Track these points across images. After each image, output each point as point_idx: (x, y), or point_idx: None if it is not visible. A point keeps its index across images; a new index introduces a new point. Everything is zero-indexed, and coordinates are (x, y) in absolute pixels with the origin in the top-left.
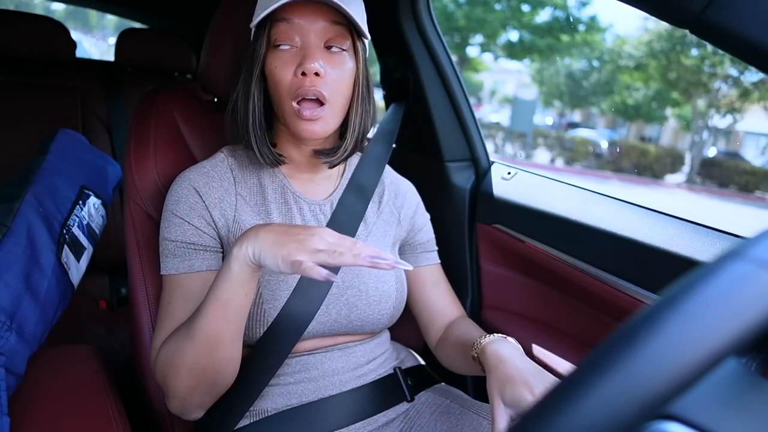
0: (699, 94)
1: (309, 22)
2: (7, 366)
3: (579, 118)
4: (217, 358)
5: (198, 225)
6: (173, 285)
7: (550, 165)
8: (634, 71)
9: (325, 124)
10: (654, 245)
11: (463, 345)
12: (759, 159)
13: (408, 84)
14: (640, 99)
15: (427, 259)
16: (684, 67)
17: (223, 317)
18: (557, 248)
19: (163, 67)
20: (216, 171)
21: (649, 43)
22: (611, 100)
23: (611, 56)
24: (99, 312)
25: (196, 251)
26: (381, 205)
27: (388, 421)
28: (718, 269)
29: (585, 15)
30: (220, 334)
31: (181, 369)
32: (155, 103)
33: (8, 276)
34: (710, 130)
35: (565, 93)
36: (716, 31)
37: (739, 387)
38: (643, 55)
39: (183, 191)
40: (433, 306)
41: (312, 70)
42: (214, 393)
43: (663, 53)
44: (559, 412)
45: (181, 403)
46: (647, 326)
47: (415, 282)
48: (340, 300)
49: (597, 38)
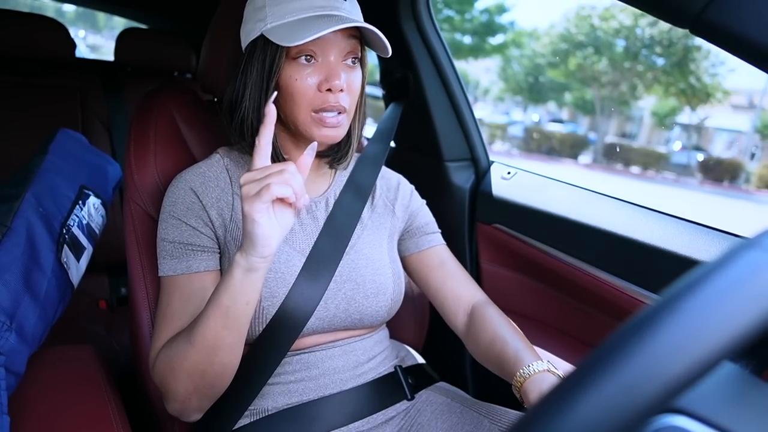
0: (596, 87)
1: (330, 37)
2: (7, 365)
3: (544, 112)
4: (216, 363)
5: (195, 225)
6: (171, 286)
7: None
8: (553, 68)
9: (342, 130)
10: (654, 245)
11: (500, 364)
12: (662, 146)
13: (408, 84)
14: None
15: (428, 241)
16: (579, 66)
17: (223, 324)
18: (557, 248)
19: (163, 66)
20: (212, 171)
21: (551, 44)
22: (556, 95)
23: (534, 56)
24: (99, 312)
25: (193, 252)
26: (374, 200)
27: (388, 420)
28: (735, 258)
29: (505, 20)
30: (220, 340)
31: (179, 373)
32: (155, 103)
33: (8, 276)
34: (681, 127)
35: (525, 89)
36: (716, 31)
37: (738, 387)
38: (549, 54)
39: (180, 192)
40: (443, 287)
41: (338, 87)
42: (213, 396)
43: (563, 53)
44: (583, 392)
45: (180, 405)
46: (666, 312)
47: (420, 267)
48: (338, 294)
49: (524, 40)
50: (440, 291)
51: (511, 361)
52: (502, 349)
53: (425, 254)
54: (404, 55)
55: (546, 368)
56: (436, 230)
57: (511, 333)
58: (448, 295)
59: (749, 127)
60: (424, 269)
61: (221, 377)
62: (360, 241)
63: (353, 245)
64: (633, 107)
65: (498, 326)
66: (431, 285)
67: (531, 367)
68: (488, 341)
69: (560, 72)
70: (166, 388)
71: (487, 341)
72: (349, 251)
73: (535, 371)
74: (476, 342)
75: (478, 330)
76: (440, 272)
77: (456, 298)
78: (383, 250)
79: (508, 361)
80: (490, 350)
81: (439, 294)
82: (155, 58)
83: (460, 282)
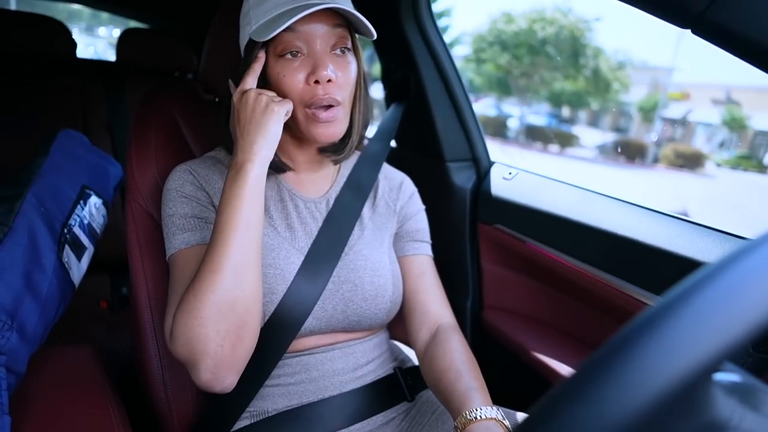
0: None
1: (313, 29)
2: (8, 365)
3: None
4: (246, 289)
5: (204, 203)
6: (184, 260)
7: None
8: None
9: (340, 125)
10: (654, 245)
11: (448, 396)
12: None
13: (409, 84)
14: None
15: (414, 248)
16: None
17: (247, 239)
18: (558, 248)
19: (164, 66)
20: (215, 167)
21: (474, 43)
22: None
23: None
24: (100, 312)
25: (207, 224)
26: (376, 200)
27: (388, 421)
28: (760, 246)
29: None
30: (246, 260)
31: (208, 311)
32: (156, 103)
33: (9, 275)
34: (663, 120)
35: (495, 84)
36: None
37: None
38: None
39: (183, 174)
40: (414, 297)
41: (325, 78)
42: (245, 340)
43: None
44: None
45: (213, 361)
46: (694, 293)
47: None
48: (336, 295)
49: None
50: (410, 301)
51: (460, 397)
52: (454, 381)
53: (407, 260)
54: (405, 55)
55: (494, 416)
56: (425, 239)
57: (467, 367)
58: (416, 308)
59: (719, 121)
60: (402, 275)
61: (251, 311)
62: (360, 242)
63: (352, 246)
64: (546, 94)
65: (457, 356)
66: (403, 292)
67: (480, 411)
68: (442, 368)
69: (492, 66)
70: (193, 344)
71: (442, 368)
72: (348, 252)
73: (482, 417)
74: (430, 365)
75: (436, 353)
76: (416, 282)
77: (423, 313)
78: (383, 251)
79: (456, 396)
80: (441, 378)
81: (408, 304)
82: (156, 58)
83: (433, 299)
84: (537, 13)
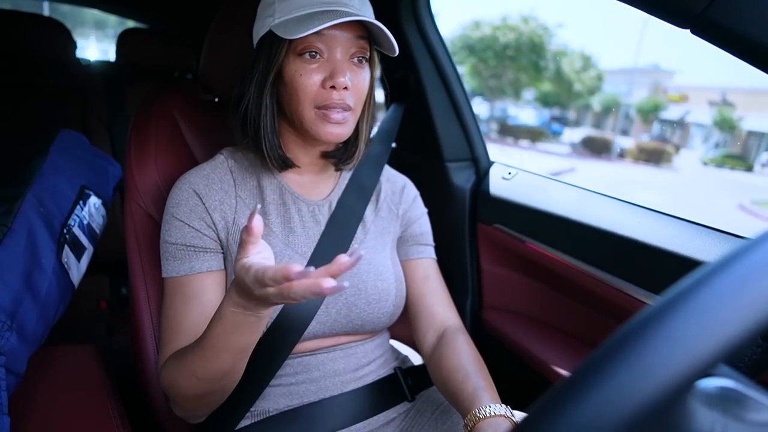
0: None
1: (338, 35)
2: (7, 366)
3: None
4: (226, 383)
5: (198, 227)
6: (174, 287)
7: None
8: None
9: (347, 128)
10: (654, 245)
11: (457, 396)
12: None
13: (408, 84)
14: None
15: (419, 252)
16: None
17: (232, 360)
18: (558, 248)
19: (164, 67)
20: (216, 173)
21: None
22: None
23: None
24: (99, 312)
25: (196, 253)
26: (378, 203)
27: (389, 421)
28: (759, 246)
29: None
30: (229, 371)
31: (187, 390)
32: (156, 103)
33: (9, 276)
34: (661, 122)
35: (484, 87)
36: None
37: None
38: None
39: (183, 194)
40: (420, 301)
41: (342, 85)
42: (221, 401)
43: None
44: (602, 383)
45: (187, 412)
46: (707, 282)
47: (404, 276)
48: (339, 300)
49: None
50: (416, 305)
51: (468, 396)
52: (462, 381)
53: (412, 264)
54: (405, 55)
55: (503, 413)
56: (429, 243)
57: (475, 367)
58: (422, 311)
59: (710, 121)
60: (407, 279)
61: (230, 388)
62: (362, 246)
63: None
64: (516, 94)
65: (464, 357)
66: (409, 296)
67: (488, 408)
68: (451, 369)
69: (468, 68)
70: (173, 395)
71: (450, 369)
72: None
73: (491, 414)
74: (438, 366)
75: (443, 355)
76: (422, 286)
77: (430, 317)
78: (386, 255)
79: (465, 395)
80: (450, 378)
81: (414, 308)
82: (156, 58)
83: (439, 301)
84: (501, 21)
